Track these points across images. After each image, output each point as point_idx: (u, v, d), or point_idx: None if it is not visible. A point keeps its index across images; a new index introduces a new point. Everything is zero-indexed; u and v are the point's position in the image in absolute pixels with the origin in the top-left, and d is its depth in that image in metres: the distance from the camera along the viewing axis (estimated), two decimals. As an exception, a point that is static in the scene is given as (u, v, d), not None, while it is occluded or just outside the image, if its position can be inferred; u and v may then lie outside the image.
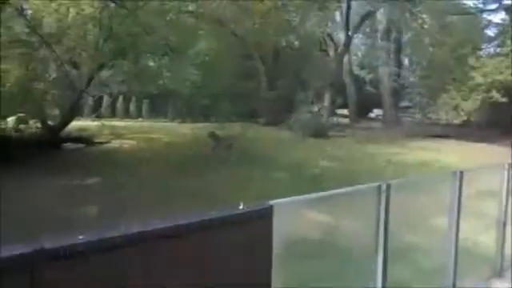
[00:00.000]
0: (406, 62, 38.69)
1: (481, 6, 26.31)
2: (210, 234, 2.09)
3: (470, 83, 21.25)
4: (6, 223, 6.92)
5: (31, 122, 13.05)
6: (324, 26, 28.20)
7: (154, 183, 10.48)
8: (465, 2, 28.10)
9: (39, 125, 13.65)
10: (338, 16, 29.23)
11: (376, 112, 38.77)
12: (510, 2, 23.58)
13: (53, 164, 12.08)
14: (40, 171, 10.94)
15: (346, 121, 31.68)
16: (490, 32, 26.63)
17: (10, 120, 12.53)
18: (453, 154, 16.38)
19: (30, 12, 13.16)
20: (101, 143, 15.78)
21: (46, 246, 1.62)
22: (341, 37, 28.08)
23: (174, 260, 2.06)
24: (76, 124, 15.95)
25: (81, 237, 1.72)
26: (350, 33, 27.21)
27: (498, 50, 23.52)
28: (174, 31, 14.88)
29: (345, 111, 35.94)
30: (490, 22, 26.13)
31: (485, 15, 27.23)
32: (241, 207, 2.22)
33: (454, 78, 22.39)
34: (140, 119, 26.48)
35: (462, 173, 3.93)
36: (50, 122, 14.13)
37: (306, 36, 28.13)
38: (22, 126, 12.72)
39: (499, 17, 29.79)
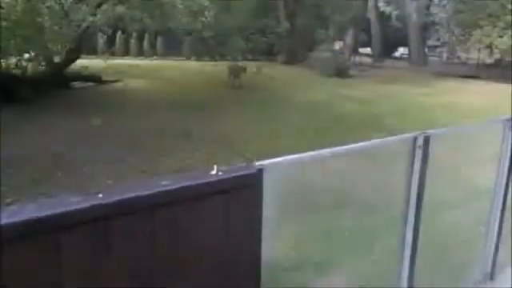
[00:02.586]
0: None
1: None
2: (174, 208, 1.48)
3: (507, 18, 19.42)
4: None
5: (35, 58, 12.38)
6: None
7: (166, 127, 9.93)
8: None
9: (43, 62, 13.03)
10: None
11: (401, 51, 36.80)
12: None
13: (60, 104, 11.59)
14: (49, 111, 10.49)
15: (369, 60, 30.15)
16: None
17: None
18: (484, 96, 15.28)
19: None
20: (111, 82, 15.18)
21: None
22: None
23: (129, 234, 1.46)
24: (84, 62, 15.27)
25: None
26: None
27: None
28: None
29: (368, 50, 34.16)
30: None
31: None
32: (213, 172, 1.57)
33: (490, 12, 20.46)
34: (155, 57, 25.60)
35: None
36: (55, 60, 13.47)
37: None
38: (24, 64, 12.10)
39: None
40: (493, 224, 3.70)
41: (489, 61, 22.21)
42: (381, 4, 35.38)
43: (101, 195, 1.34)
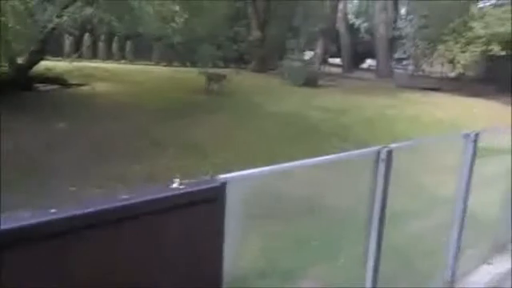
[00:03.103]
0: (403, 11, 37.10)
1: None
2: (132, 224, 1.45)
3: (469, 34, 20.25)
4: None
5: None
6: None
7: (135, 132, 9.74)
8: None
9: (5, 63, 12.56)
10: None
11: (369, 62, 37.73)
12: None
13: (26, 107, 11.14)
14: (16, 115, 10.07)
15: (338, 70, 30.71)
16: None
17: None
18: (447, 108, 15.85)
19: None
20: (78, 85, 14.80)
21: None
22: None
23: (86, 250, 1.42)
24: (50, 64, 14.84)
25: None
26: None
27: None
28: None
29: (337, 60, 34.84)
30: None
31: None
32: (175, 185, 1.55)
33: (453, 28, 21.28)
34: (123, 61, 25.16)
35: (477, 135, 3.28)
36: (18, 61, 13.03)
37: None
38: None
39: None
40: (453, 233, 3.82)
41: (452, 74, 23.04)
42: (350, 16, 36.22)
43: (53, 210, 1.30)
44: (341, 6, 30.49)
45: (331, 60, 33.98)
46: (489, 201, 3.87)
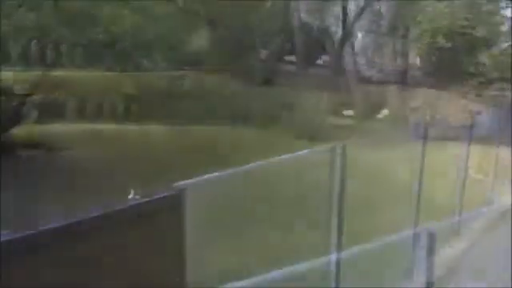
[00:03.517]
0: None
1: None
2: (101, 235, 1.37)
3: (417, 28, 21.07)
4: None
5: None
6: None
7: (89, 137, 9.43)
8: None
9: None
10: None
11: (324, 59, 38.29)
12: None
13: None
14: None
15: (294, 68, 30.99)
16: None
17: None
18: (404, 101, 16.43)
19: None
20: (26, 95, 14.18)
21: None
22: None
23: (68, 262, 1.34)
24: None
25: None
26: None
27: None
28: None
29: (292, 58, 35.16)
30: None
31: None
32: (131, 196, 1.49)
33: (402, 23, 22.07)
34: (73, 69, 24.23)
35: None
36: None
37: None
38: None
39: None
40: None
41: (403, 67, 23.83)
42: (303, 15, 36.66)
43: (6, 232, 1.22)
44: (294, 4, 30.80)
45: (288, 57, 34.29)
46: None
